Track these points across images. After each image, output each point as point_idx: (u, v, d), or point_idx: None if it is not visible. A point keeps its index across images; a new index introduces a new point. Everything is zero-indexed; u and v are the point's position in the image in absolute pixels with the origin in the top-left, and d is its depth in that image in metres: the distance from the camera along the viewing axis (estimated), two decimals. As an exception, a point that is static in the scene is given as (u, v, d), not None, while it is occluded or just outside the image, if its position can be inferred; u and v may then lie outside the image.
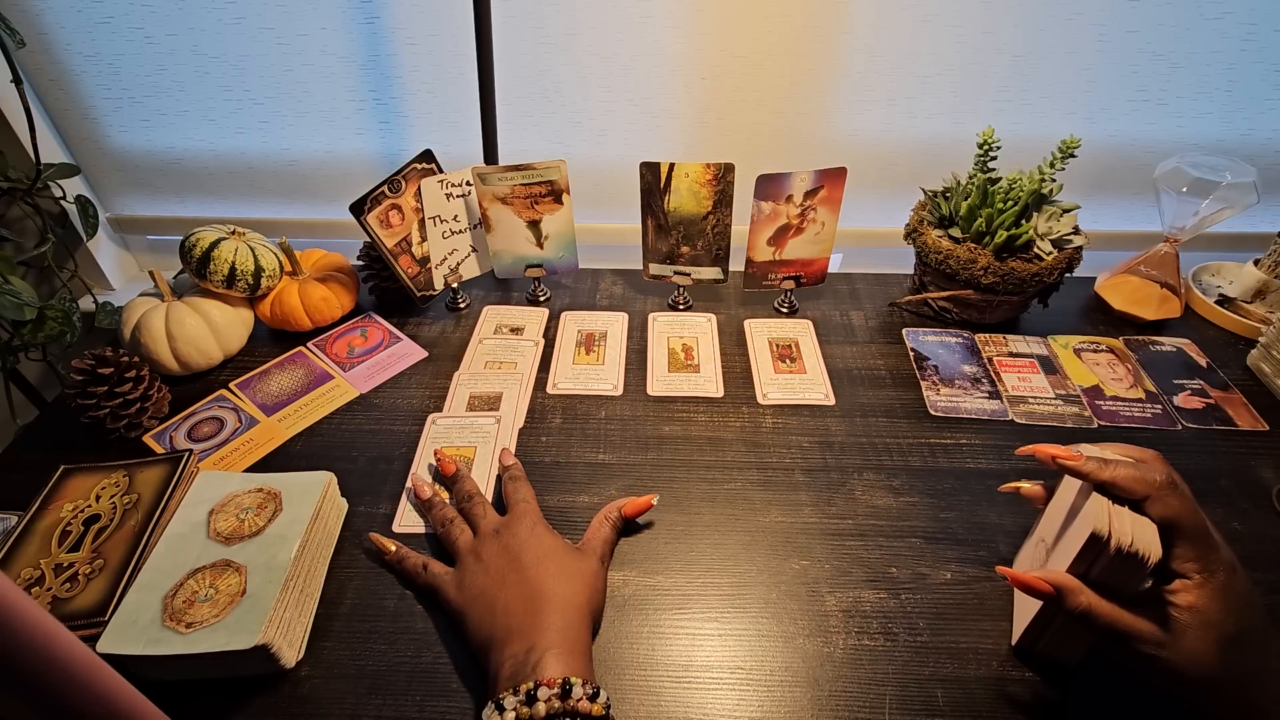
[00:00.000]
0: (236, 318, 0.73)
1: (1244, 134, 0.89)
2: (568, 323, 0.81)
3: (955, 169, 0.82)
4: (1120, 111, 0.88)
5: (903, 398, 0.70)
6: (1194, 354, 0.76)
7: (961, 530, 0.57)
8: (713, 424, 0.67)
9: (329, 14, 0.84)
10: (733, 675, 0.48)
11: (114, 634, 0.44)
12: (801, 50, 0.85)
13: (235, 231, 0.72)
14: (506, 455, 0.60)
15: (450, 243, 0.80)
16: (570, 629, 0.44)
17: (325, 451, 0.64)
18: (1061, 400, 0.70)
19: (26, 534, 0.51)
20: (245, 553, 0.49)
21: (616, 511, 0.55)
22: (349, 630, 0.50)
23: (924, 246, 0.77)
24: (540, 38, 0.85)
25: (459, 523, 0.54)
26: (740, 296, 0.85)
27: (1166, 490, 0.39)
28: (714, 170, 0.73)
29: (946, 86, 0.87)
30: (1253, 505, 0.59)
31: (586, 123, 0.92)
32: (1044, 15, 0.81)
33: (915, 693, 0.47)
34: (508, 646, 0.43)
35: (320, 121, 0.92)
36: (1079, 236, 0.75)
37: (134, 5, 0.83)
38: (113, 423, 0.62)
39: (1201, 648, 0.38)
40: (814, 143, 0.92)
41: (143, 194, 1.00)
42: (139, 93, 0.90)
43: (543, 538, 0.50)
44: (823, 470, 0.62)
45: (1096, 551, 0.39)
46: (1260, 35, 0.82)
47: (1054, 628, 0.46)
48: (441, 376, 0.73)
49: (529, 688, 0.39)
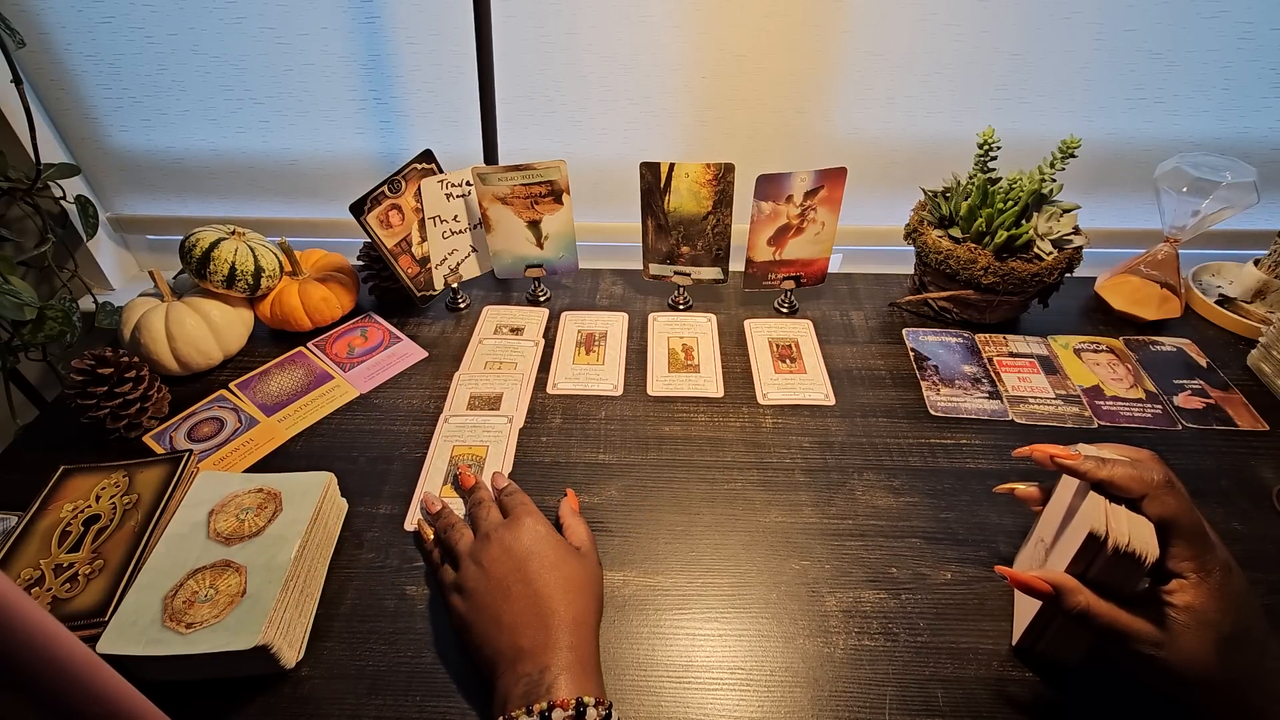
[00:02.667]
0: (236, 318, 0.73)
1: (1240, 132, 0.90)
2: (568, 323, 0.81)
3: (954, 167, 0.82)
4: (1118, 110, 0.88)
5: (903, 398, 0.70)
6: (1194, 354, 0.76)
7: (961, 530, 0.57)
8: (713, 424, 0.67)
9: (329, 14, 0.84)
10: (733, 675, 0.48)
11: (114, 634, 0.44)
12: (801, 49, 0.85)
13: (235, 231, 0.72)
14: (499, 479, 0.59)
15: (450, 243, 0.80)
16: (581, 646, 0.44)
17: (325, 452, 0.64)
18: (1062, 400, 0.70)
19: (26, 534, 0.51)
20: (245, 553, 0.49)
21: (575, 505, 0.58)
22: (349, 630, 0.50)
23: (924, 246, 0.77)
24: (540, 37, 0.85)
25: (460, 526, 0.53)
26: (740, 296, 0.85)
27: (1163, 489, 0.39)
28: (714, 170, 0.73)
29: (945, 85, 0.87)
30: (1253, 505, 0.59)
31: (586, 122, 0.92)
32: (1042, 14, 0.82)
33: (915, 693, 0.47)
34: (519, 665, 0.43)
35: (321, 121, 0.92)
36: (1079, 236, 0.75)
37: (135, 5, 0.83)
38: (113, 423, 0.62)
39: (1198, 647, 0.38)
40: (813, 141, 0.92)
41: (143, 194, 1.00)
42: (139, 92, 0.90)
43: (545, 540, 0.50)
44: (823, 470, 0.62)
45: (1094, 551, 0.40)
46: (1257, 33, 0.82)
47: (1054, 628, 0.46)
48: (441, 377, 0.73)
49: (543, 708, 0.39)
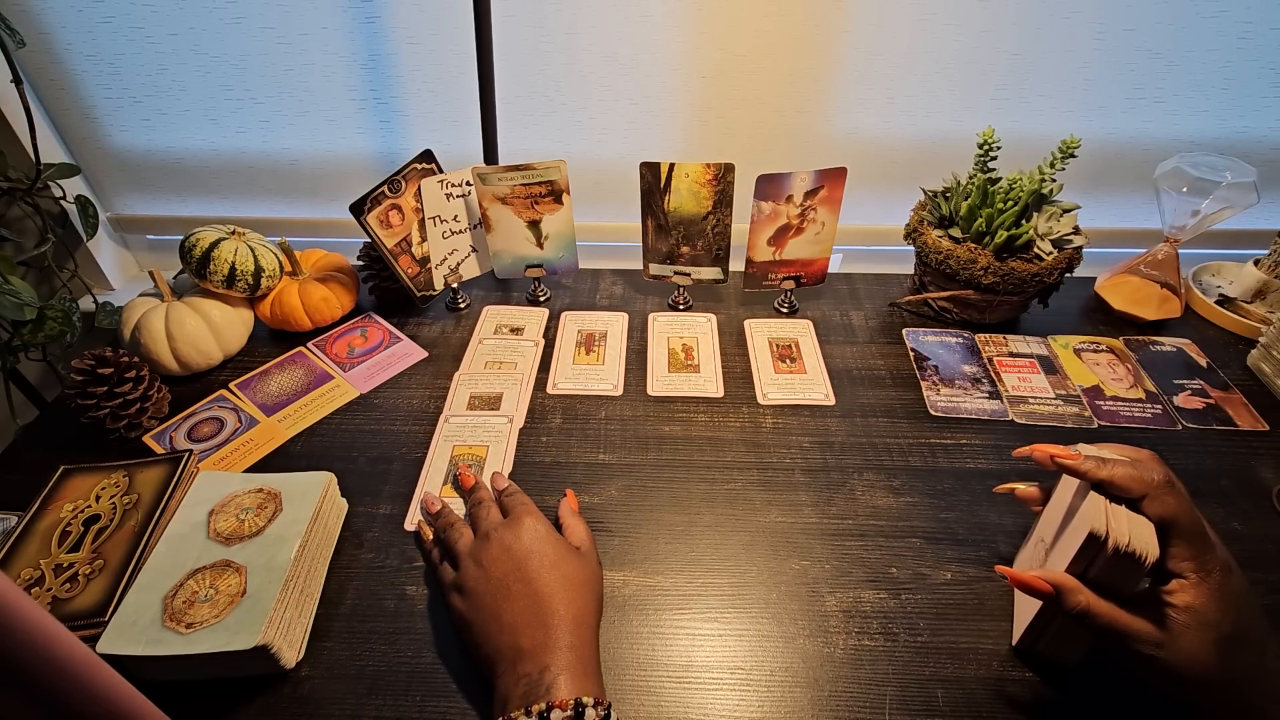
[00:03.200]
0: (236, 318, 0.73)
1: (1240, 131, 0.90)
2: (568, 323, 0.81)
3: (954, 166, 0.82)
4: (1117, 109, 0.89)
5: (903, 398, 0.70)
6: (1194, 354, 0.76)
7: (961, 530, 0.57)
8: (713, 424, 0.67)
9: (330, 13, 0.84)
10: (733, 675, 0.48)
11: (114, 634, 0.44)
12: (801, 49, 0.85)
13: (235, 231, 0.72)
14: (499, 479, 0.59)
15: (450, 243, 0.80)
16: (581, 647, 0.44)
17: (325, 452, 0.64)
18: (1061, 400, 0.70)
19: (26, 534, 0.51)
20: (245, 553, 0.49)
21: (574, 505, 0.58)
22: (349, 630, 0.50)
23: (924, 246, 0.77)
24: (540, 37, 0.85)
25: (460, 526, 0.53)
26: (740, 296, 0.85)
27: (1163, 489, 0.39)
28: (714, 170, 0.73)
29: (945, 85, 0.87)
30: (1253, 505, 0.59)
31: (586, 122, 0.92)
32: (1042, 14, 0.82)
33: (915, 693, 0.47)
34: (519, 665, 0.43)
35: (321, 121, 0.92)
36: (1079, 236, 0.75)
37: (135, 5, 0.83)
38: (113, 423, 0.62)
39: (1198, 647, 0.38)
40: (813, 141, 0.92)
41: (143, 194, 1.00)
42: (139, 92, 0.90)
43: (545, 540, 0.50)
44: (823, 470, 0.62)
45: (1094, 551, 0.40)
46: (1256, 33, 0.82)
47: (1054, 628, 0.46)
48: (441, 377, 0.73)
49: (541, 709, 0.39)
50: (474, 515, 0.54)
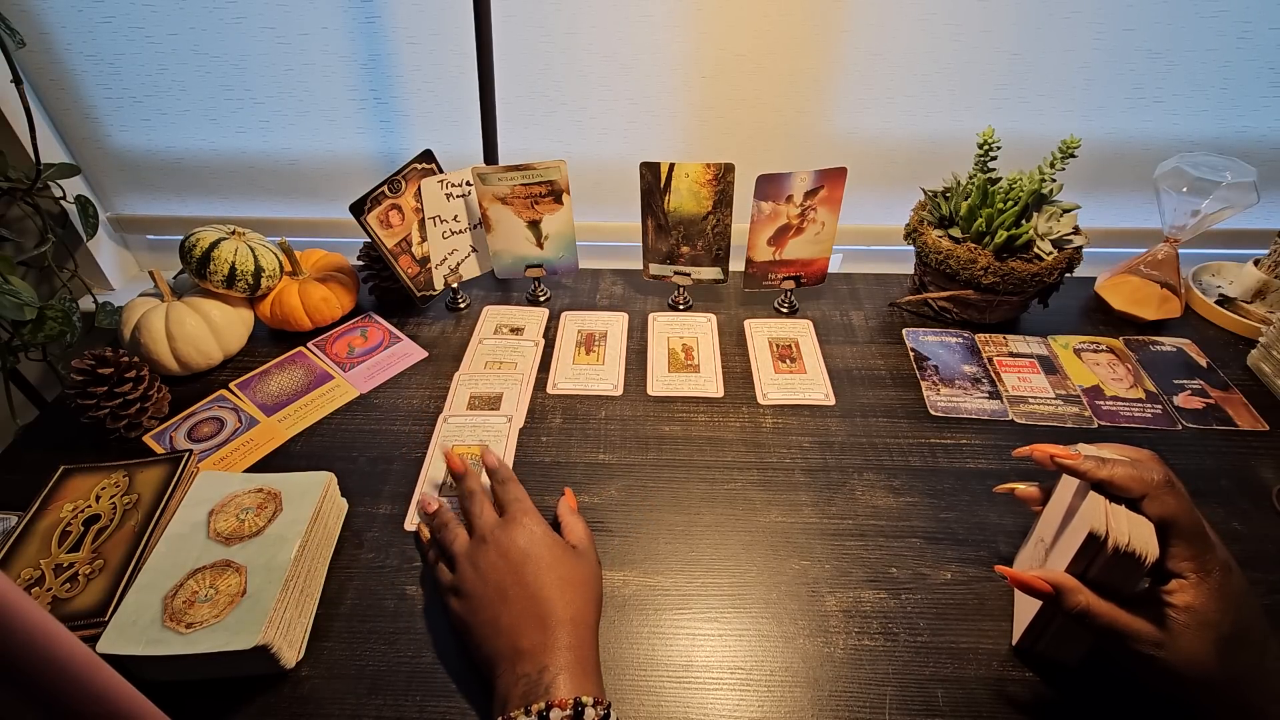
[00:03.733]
0: (236, 318, 0.73)
1: (1239, 131, 0.90)
2: (568, 323, 0.81)
3: (954, 166, 0.82)
4: (1117, 109, 0.89)
5: (903, 398, 0.70)
6: (1194, 354, 0.76)
7: (961, 530, 0.57)
8: (713, 424, 0.67)
9: (330, 13, 0.84)
10: (733, 675, 0.48)
11: (114, 634, 0.44)
12: (801, 49, 0.85)
13: (235, 231, 0.72)
14: (489, 456, 0.56)
15: (450, 243, 0.80)
16: (581, 647, 0.44)
17: (325, 451, 0.64)
18: (1061, 400, 0.70)
19: (26, 534, 0.51)
20: (245, 553, 0.49)
21: (573, 504, 0.57)
22: (349, 630, 0.50)
23: (924, 246, 0.77)
24: (540, 37, 0.85)
25: (454, 526, 0.53)
26: (740, 296, 0.85)
27: (1163, 489, 0.39)
28: (714, 170, 0.73)
29: (945, 85, 0.87)
30: (1253, 505, 0.59)
31: (586, 122, 0.92)
32: (1041, 14, 0.82)
33: (915, 693, 0.47)
34: (518, 665, 0.43)
35: (321, 121, 0.92)
36: (1079, 236, 0.75)
37: (135, 5, 0.83)
38: (113, 423, 0.62)
39: (1198, 647, 0.38)
40: (813, 141, 0.92)
41: (143, 194, 1.00)
42: (140, 92, 0.90)
43: (541, 542, 0.49)
44: (823, 470, 0.62)
45: (1094, 551, 0.40)
46: (1255, 33, 0.82)
47: (1054, 628, 0.46)
48: (441, 377, 0.73)
49: (540, 708, 0.40)
50: (467, 511, 0.53)
